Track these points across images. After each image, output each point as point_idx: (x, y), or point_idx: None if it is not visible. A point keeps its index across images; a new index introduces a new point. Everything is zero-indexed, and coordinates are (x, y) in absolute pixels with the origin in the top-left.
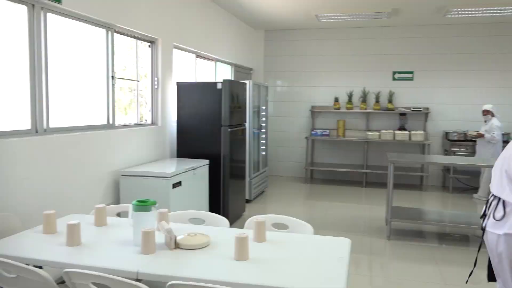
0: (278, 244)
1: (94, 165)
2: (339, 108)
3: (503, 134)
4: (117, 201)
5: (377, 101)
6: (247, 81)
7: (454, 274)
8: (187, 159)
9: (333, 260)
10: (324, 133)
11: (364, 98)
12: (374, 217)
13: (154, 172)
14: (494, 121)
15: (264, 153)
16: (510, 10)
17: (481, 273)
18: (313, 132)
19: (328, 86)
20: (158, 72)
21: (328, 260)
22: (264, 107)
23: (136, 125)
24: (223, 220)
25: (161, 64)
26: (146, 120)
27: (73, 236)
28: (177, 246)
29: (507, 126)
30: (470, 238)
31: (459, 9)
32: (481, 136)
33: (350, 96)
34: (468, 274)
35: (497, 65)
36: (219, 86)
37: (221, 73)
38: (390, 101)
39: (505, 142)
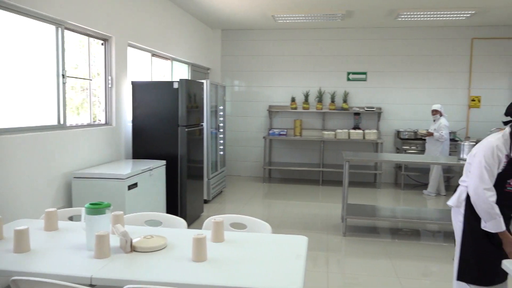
0: (236, 244)
1: (44, 167)
2: (296, 108)
3: (450, 133)
4: (69, 204)
5: (333, 101)
6: (204, 81)
7: (406, 267)
8: (143, 160)
9: (291, 258)
10: (282, 133)
11: (320, 98)
12: (330, 215)
13: (108, 173)
14: (442, 120)
15: (222, 153)
16: (456, 14)
17: (432, 265)
18: (270, 131)
19: (285, 86)
20: (112, 71)
21: (286, 258)
22: (221, 107)
23: (89, 125)
24: (181, 221)
25: (115, 62)
26: (99, 120)
27: (21, 242)
28: (133, 249)
29: (454, 125)
30: (421, 233)
31: (408, 13)
32: (430, 134)
33: (306, 96)
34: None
35: (445, 67)
36: (175, 85)
37: (178, 73)
38: (345, 101)
39: (452, 140)
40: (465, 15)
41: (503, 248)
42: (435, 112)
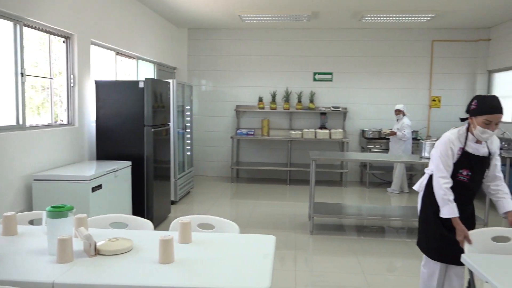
0: (204, 244)
1: (2, 169)
2: (263, 108)
3: (413, 132)
4: (29, 207)
5: (299, 101)
6: (170, 80)
7: (372, 263)
8: (107, 161)
9: (258, 258)
10: (249, 133)
11: (287, 98)
12: (298, 213)
13: (71, 175)
14: (405, 120)
15: (189, 153)
16: (417, 17)
17: (396, 261)
18: (238, 131)
19: (253, 86)
20: (74, 70)
21: (254, 257)
22: (188, 107)
23: (50, 125)
24: (147, 223)
25: (78, 61)
26: (61, 121)
27: None
28: (97, 252)
29: (416, 124)
30: (385, 229)
31: (373, 15)
32: (393, 134)
33: (273, 96)
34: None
35: (407, 68)
36: (141, 85)
37: (144, 72)
38: (311, 101)
39: (414, 139)
40: (425, 18)
41: (455, 237)
42: (398, 112)
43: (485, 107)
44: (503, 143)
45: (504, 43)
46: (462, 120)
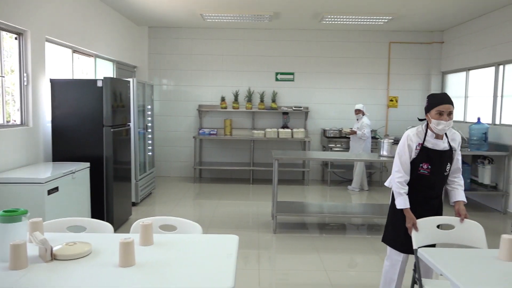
0: (166, 246)
1: None
2: (225, 108)
3: (372, 131)
4: None
5: (262, 100)
6: (130, 79)
7: (333, 260)
8: (65, 162)
9: (221, 258)
10: (212, 132)
11: (249, 97)
12: (261, 213)
13: (25, 178)
14: (365, 120)
15: (150, 153)
16: (375, 19)
17: (357, 257)
18: (200, 131)
19: (215, 86)
20: (28, 67)
21: (217, 258)
22: (149, 106)
23: (2, 126)
24: (107, 225)
25: (31, 58)
26: (14, 121)
27: None
28: (53, 257)
29: (375, 123)
30: (346, 227)
31: (332, 16)
32: (353, 133)
33: (236, 96)
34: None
35: (366, 68)
36: (99, 83)
37: (102, 70)
38: (273, 100)
39: (373, 138)
40: (383, 21)
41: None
42: (357, 111)
43: (434, 100)
44: None
45: (456, 46)
46: (420, 120)
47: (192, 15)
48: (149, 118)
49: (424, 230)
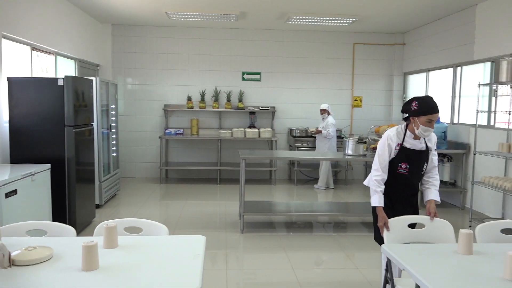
0: (131, 248)
1: None
2: (192, 107)
3: (337, 130)
4: None
5: (229, 100)
6: (93, 78)
7: (300, 258)
8: (23, 164)
9: (188, 259)
10: (178, 132)
11: (216, 97)
12: (228, 213)
13: None
14: (330, 119)
15: (115, 154)
16: (339, 20)
17: (323, 254)
18: (166, 131)
19: (181, 85)
20: None
21: (183, 259)
22: (113, 106)
23: None
24: (69, 229)
25: None
26: None
27: None
28: (11, 263)
29: (340, 123)
30: (313, 225)
31: (298, 17)
32: (319, 132)
33: (202, 95)
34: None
35: (331, 69)
36: (60, 82)
37: (63, 69)
38: (240, 100)
39: (339, 137)
40: (347, 22)
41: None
42: (323, 111)
43: (426, 107)
44: None
45: (416, 48)
46: (405, 120)
47: (157, 13)
48: (113, 118)
49: (395, 229)
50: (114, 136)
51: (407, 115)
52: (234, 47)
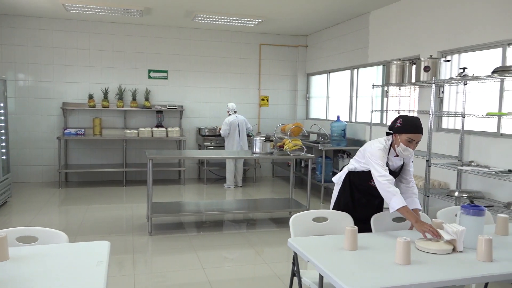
0: (25, 260)
1: None
2: (94, 106)
3: (247, 129)
4: None
5: (134, 98)
6: None
7: (210, 257)
8: None
9: (91, 266)
10: (79, 132)
11: (120, 95)
12: (135, 215)
13: None
14: (227, 118)
15: (4, 157)
16: (246, 21)
17: (233, 252)
18: (66, 131)
19: (81, 82)
20: None
21: (85, 267)
22: (2, 104)
23: None
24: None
25: None
26: None
27: None
28: None
29: (249, 122)
30: (224, 223)
31: (204, 16)
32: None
33: (105, 93)
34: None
35: (239, 68)
36: None
37: None
38: (147, 98)
39: (247, 136)
40: (253, 23)
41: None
42: (228, 110)
43: (409, 126)
44: (320, 137)
45: (318, 50)
46: (388, 134)
47: (52, 4)
48: (2, 118)
49: (299, 224)
50: (3, 137)
51: (391, 131)
52: (140, 44)
